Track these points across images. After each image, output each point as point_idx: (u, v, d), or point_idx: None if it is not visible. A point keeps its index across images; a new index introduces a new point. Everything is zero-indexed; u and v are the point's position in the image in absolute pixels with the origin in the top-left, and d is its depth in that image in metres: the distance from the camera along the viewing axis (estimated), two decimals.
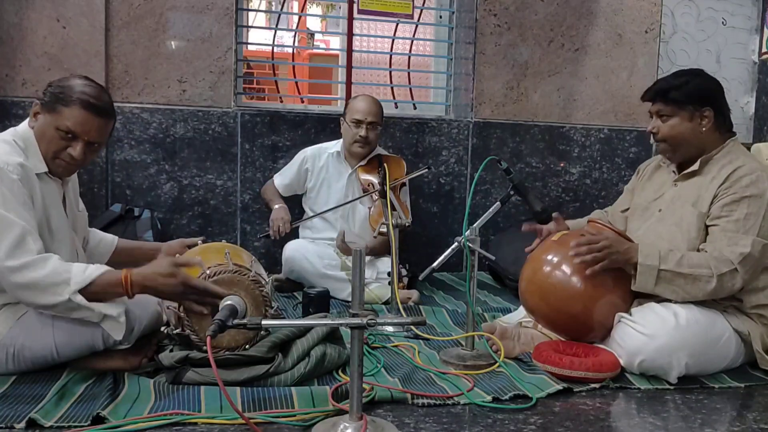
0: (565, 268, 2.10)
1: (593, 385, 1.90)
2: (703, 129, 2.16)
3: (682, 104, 2.16)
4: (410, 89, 3.94)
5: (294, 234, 3.19)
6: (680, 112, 2.16)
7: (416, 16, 3.72)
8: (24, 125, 1.90)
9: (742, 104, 4.02)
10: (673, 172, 2.28)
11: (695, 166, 2.18)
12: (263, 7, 6.25)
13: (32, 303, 1.75)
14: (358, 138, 3.06)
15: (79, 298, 1.71)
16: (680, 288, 2.00)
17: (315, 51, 6.60)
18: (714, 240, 2.05)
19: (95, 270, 1.75)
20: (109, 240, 2.28)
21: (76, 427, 1.52)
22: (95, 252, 2.22)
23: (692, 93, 2.16)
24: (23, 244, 1.71)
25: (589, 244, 2.05)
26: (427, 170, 3.16)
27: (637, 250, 2.04)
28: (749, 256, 1.99)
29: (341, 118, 3.17)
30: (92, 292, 1.73)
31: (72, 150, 1.85)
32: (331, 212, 3.11)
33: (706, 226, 2.10)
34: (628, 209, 2.45)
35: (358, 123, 3.06)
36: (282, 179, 3.26)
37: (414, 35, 3.94)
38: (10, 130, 1.89)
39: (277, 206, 3.18)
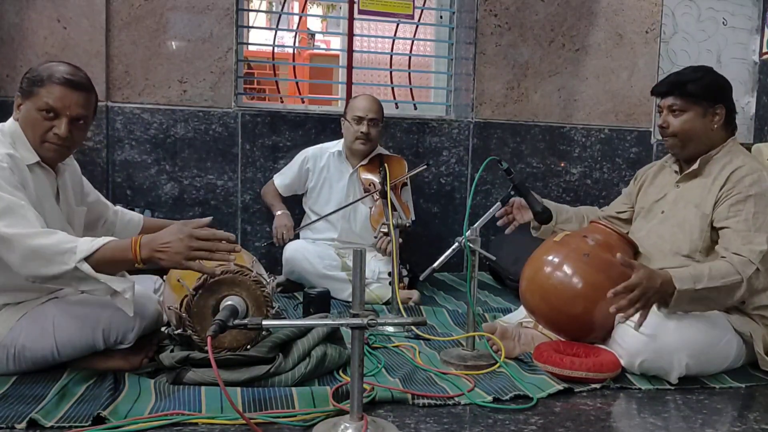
0: (566, 269, 2.10)
1: (594, 386, 1.90)
2: (714, 126, 2.16)
3: (697, 99, 2.14)
4: (411, 89, 3.94)
5: (294, 235, 3.19)
6: (694, 107, 2.14)
7: (417, 16, 3.72)
8: (10, 120, 1.89)
9: (742, 104, 4.01)
10: (675, 172, 2.28)
11: (695, 165, 2.18)
12: (264, 7, 6.25)
13: (37, 274, 1.70)
14: (359, 134, 3.07)
15: (86, 267, 1.67)
16: (713, 301, 1.96)
17: (315, 51, 6.59)
18: (728, 242, 2.04)
19: (102, 239, 1.72)
20: (137, 219, 2.29)
21: (76, 427, 1.52)
22: (125, 231, 2.22)
23: (708, 88, 2.15)
24: (26, 216, 1.69)
25: (626, 292, 1.90)
26: (425, 167, 3.12)
27: (670, 280, 1.92)
28: (767, 253, 1.98)
29: (342, 118, 3.17)
30: (99, 260, 1.69)
31: (57, 129, 1.84)
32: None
33: (710, 229, 2.10)
34: (624, 212, 2.46)
35: (359, 120, 3.07)
36: (282, 179, 3.26)
37: (414, 35, 3.94)
38: None
39: (279, 212, 3.19)
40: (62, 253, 1.67)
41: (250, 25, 3.75)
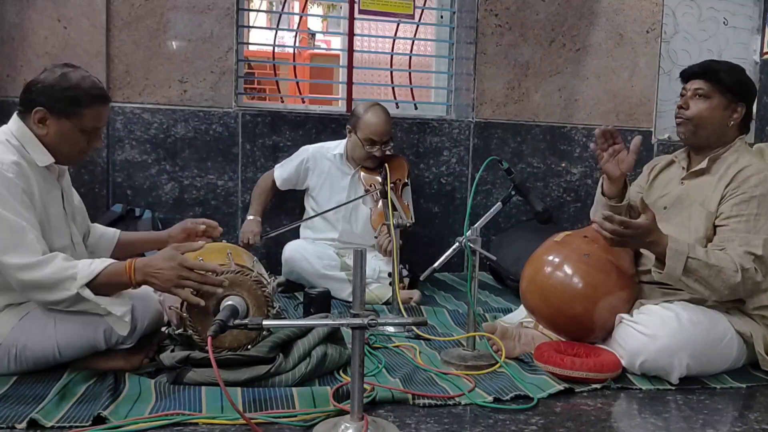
0: (567, 269, 2.10)
1: (594, 386, 1.90)
2: (731, 123, 2.15)
3: (723, 89, 2.13)
4: (411, 89, 3.94)
5: (294, 234, 3.19)
6: (719, 96, 2.14)
7: (417, 16, 3.72)
8: (16, 123, 1.87)
9: None
10: (683, 168, 2.27)
11: (703, 164, 2.17)
12: (264, 7, 6.24)
13: (41, 300, 1.77)
14: (372, 156, 3.06)
15: (87, 293, 1.73)
16: (704, 280, 1.94)
17: (316, 51, 6.59)
18: (724, 240, 2.03)
19: (100, 264, 1.77)
20: (111, 234, 2.27)
21: (77, 427, 1.52)
22: (97, 246, 2.22)
23: (738, 83, 2.16)
24: (24, 242, 1.72)
25: (624, 227, 1.89)
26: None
27: (665, 243, 1.93)
28: (762, 257, 1.98)
29: (348, 128, 3.12)
30: (98, 284, 1.76)
31: (95, 142, 1.93)
32: (333, 212, 3.09)
33: (714, 226, 2.09)
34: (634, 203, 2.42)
35: (372, 143, 3.04)
36: (281, 173, 3.23)
37: (415, 35, 3.93)
38: (2, 129, 1.88)
39: (250, 217, 3.17)
40: (63, 281, 1.73)
41: (251, 24, 3.74)
